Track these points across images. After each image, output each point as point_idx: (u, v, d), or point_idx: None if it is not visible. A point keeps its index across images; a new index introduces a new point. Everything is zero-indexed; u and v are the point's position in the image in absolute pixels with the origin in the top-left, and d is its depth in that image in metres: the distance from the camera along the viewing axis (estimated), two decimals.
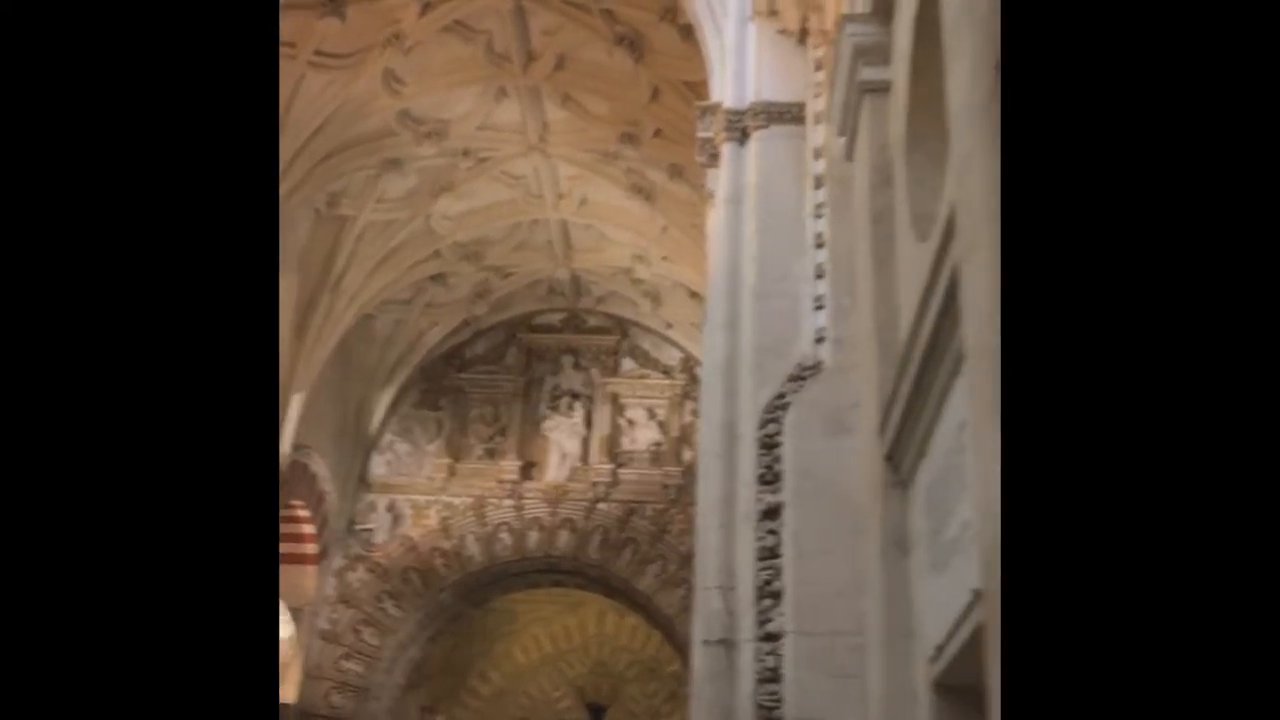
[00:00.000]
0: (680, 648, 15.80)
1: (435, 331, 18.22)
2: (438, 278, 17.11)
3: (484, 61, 13.23)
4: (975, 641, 3.46)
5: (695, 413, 15.37)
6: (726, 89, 8.64)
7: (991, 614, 3.14)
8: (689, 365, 17.31)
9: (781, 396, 7.09)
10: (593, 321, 18.53)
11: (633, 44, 12.53)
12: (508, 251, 17.03)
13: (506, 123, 14.33)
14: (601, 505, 17.14)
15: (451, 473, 17.52)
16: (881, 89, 6.26)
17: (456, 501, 17.34)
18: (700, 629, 7.21)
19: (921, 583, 4.74)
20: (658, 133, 13.73)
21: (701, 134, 8.80)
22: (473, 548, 17.22)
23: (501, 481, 17.41)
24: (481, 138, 14.59)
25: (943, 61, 4.14)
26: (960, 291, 3.59)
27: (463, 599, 17.55)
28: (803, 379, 7.17)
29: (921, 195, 5.20)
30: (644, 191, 14.90)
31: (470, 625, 18.97)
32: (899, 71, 5.82)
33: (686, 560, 14.53)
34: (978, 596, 3.33)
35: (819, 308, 7.42)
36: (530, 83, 13.51)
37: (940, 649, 4.23)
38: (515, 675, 20.17)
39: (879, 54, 6.28)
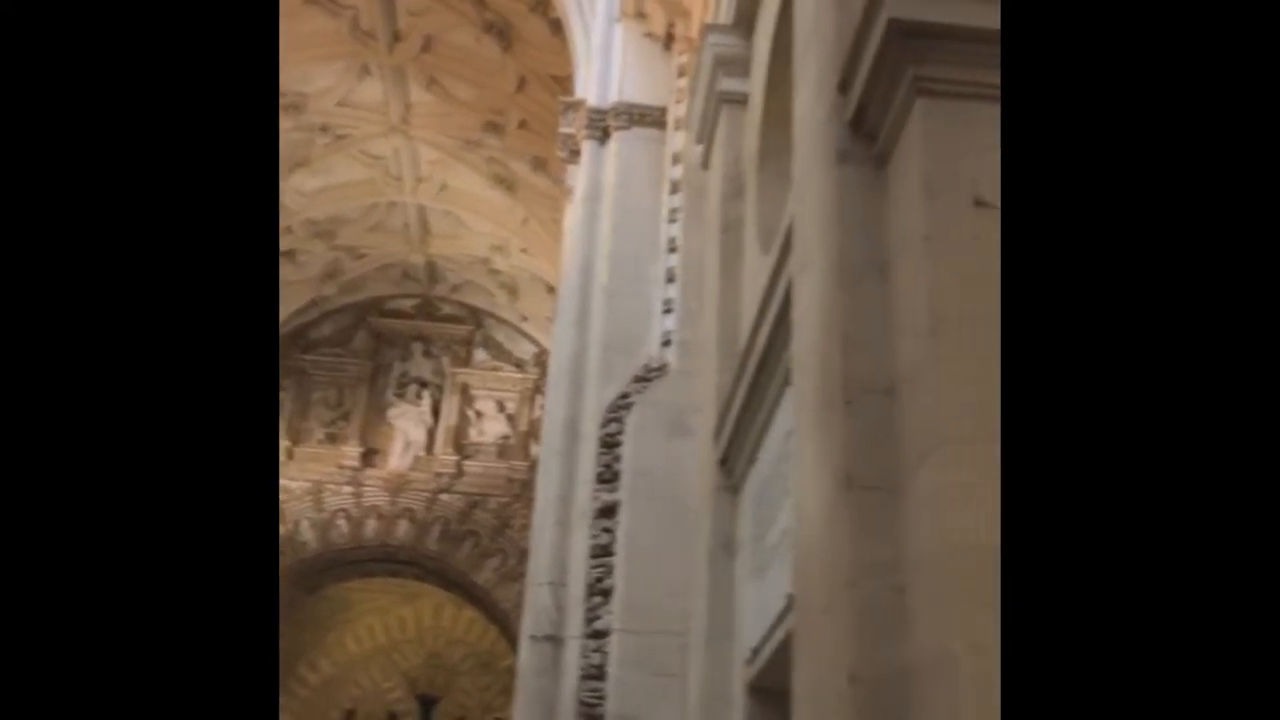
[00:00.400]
0: (516, 642, 15.74)
1: (281, 310, 17.68)
2: (287, 254, 16.60)
3: (348, 37, 12.90)
4: (787, 646, 3.55)
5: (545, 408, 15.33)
6: (591, 87, 8.65)
7: (800, 620, 3.24)
8: (542, 360, 17.22)
9: (626, 396, 7.14)
10: (446, 310, 18.28)
11: (502, 33, 12.42)
12: (362, 232, 16.64)
13: (368, 101, 14.01)
14: (444, 496, 16.92)
15: (289, 455, 17.02)
16: (739, 100, 6.37)
17: (293, 485, 16.84)
18: (529, 624, 7.20)
19: (744, 586, 4.84)
20: (522, 124, 13.64)
21: (563, 129, 8.79)
22: (307, 533, 16.78)
23: (341, 467, 17.01)
24: (341, 114, 14.22)
25: (794, 79, 4.24)
26: (793, 305, 3.69)
27: (295, 585, 17.07)
28: (648, 380, 7.24)
29: (768, 209, 5.32)
30: (506, 182, 14.79)
31: (302, 613, 18.47)
32: (756, 85, 5.93)
33: (527, 555, 14.47)
34: (790, 602, 3.42)
35: (668, 311, 7.51)
36: (395, 62, 13.25)
37: (756, 651, 4.34)
38: (346, 664, 19.74)
39: (739, 66, 6.39)
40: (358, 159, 15.11)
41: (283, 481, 16.95)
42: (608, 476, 6.88)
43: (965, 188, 2.72)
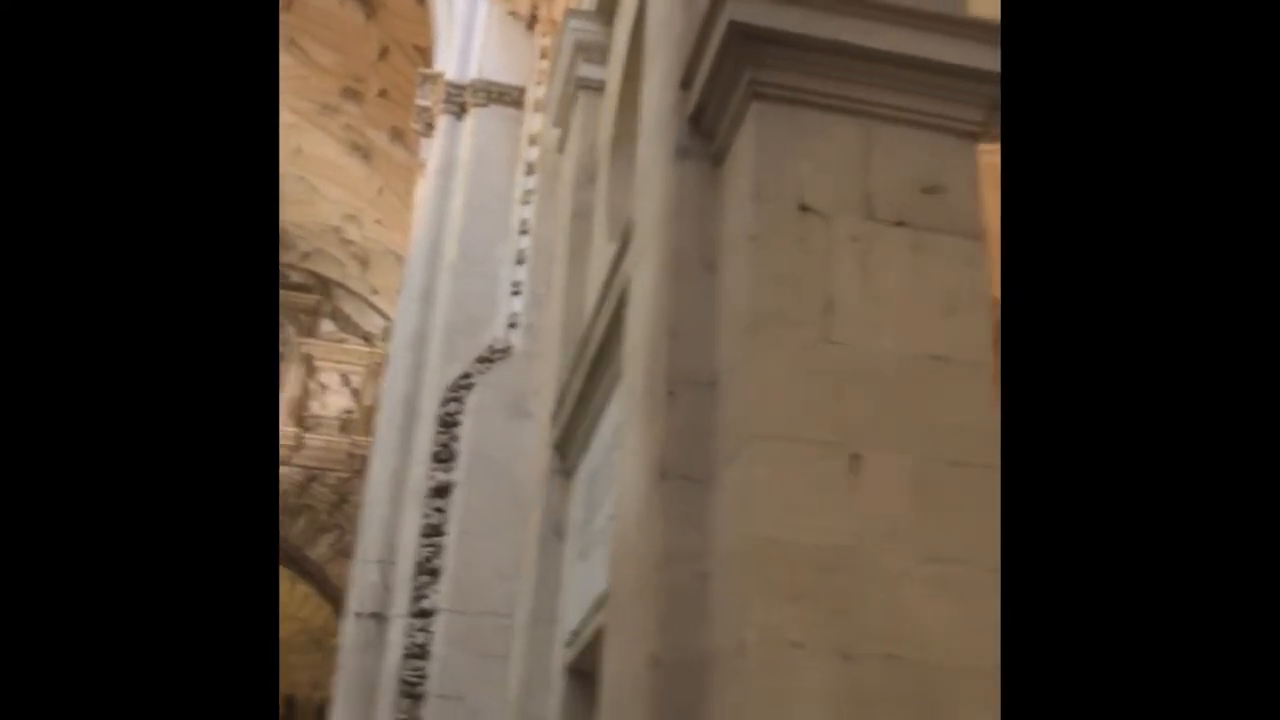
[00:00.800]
0: None
1: None
2: None
3: None
4: (605, 630, 3.60)
5: None
6: (451, 61, 8.53)
7: (611, 605, 3.29)
8: (391, 335, 16.94)
9: (467, 376, 7.09)
10: (294, 278, 17.75)
11: None
12: None
13: None
14: (281, 469, 16.47)
15: None
16: (597, 87, 6.38)
17: None
18: (355, 601, 7.09)
19: (570, 570, 4.88)
20: (383, 93, 13.33)
21: (420, 101, 8.64)
22: None
23: None
24: None
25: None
26: (628, 296, 3.74)
27: None
28: (491, 361, 7.20)
29: (618, 198, 5.35)
30: (362, 150, 14.44)
31: None
32: (613, 73, 5.96)
33: None
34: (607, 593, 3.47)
35: (516, 293, 7.48)
36: None
37: (576, 634, 4.38)
38: None
39: (599, 52, 6.40)
40: None
41: None
42: (444, 456, 6.83)
43: (792, 192, 2.80)
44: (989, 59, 2.98)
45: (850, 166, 2.87)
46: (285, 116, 14.40)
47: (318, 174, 15.45)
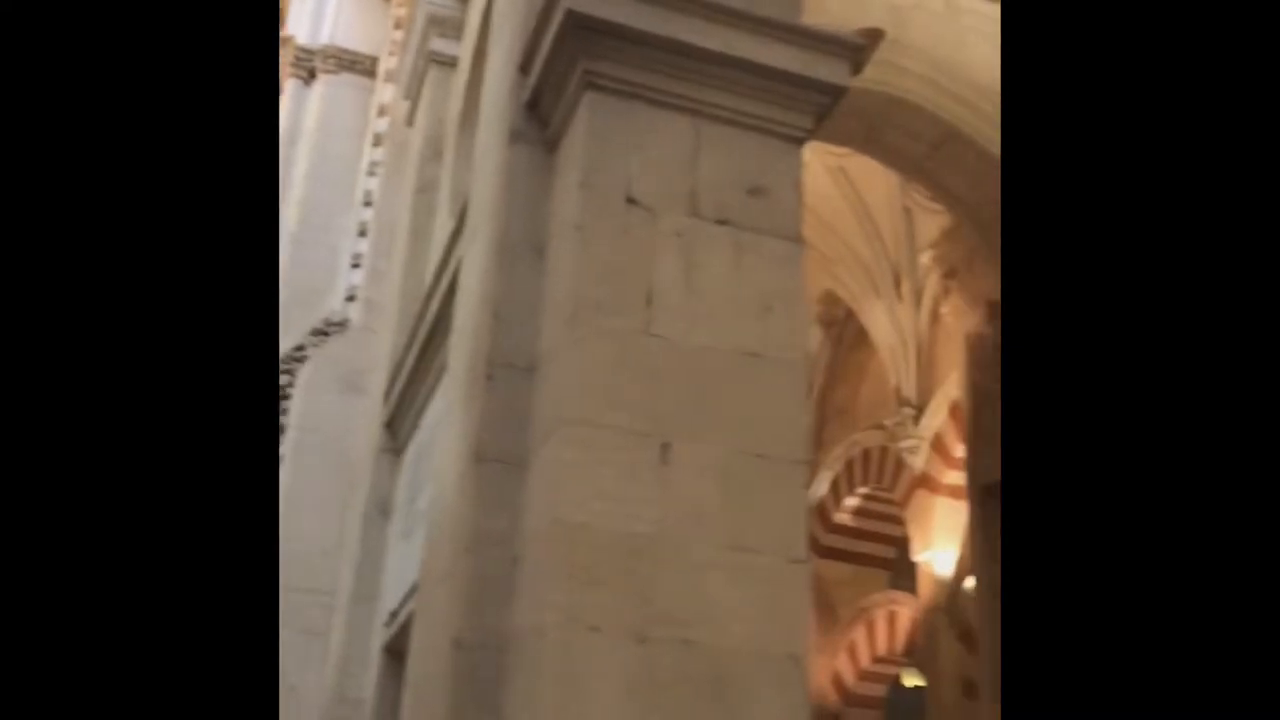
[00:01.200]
0: None
1: None
2: None
3: None
4: None
5: None
6: (302, 23, 8.28)
7: (423, 586, 3.28)
8: None
9: (301, 349, 6.92)
10: None
11: None
12: None
13: None
14: None
15: None
16: (449, 63, 6.30)
17: None
18: None
19: (393, 550, 4.84)
20: None
21: None
22: None
23: None
24: None
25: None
26: (459, 277, 3.72)
27: None
28: (326, 334, 7.05)
29: (461, 176, 5.31)
30: None
31: None
32: (465, 50, 5.89)
33: None
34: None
35: (356, 265, 7.33)
36: None
37: (394, 615, 4.35)
38: None
39: (453, 28, 6.32)
40: None
41: None
42: None
43: (620, 184, 2.84)
44: (821, 67, 3.08)
45: (679, 163, 2.92)
46: None
47: None
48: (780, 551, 2.61)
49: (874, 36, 5.74)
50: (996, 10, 7.38)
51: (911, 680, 11.42)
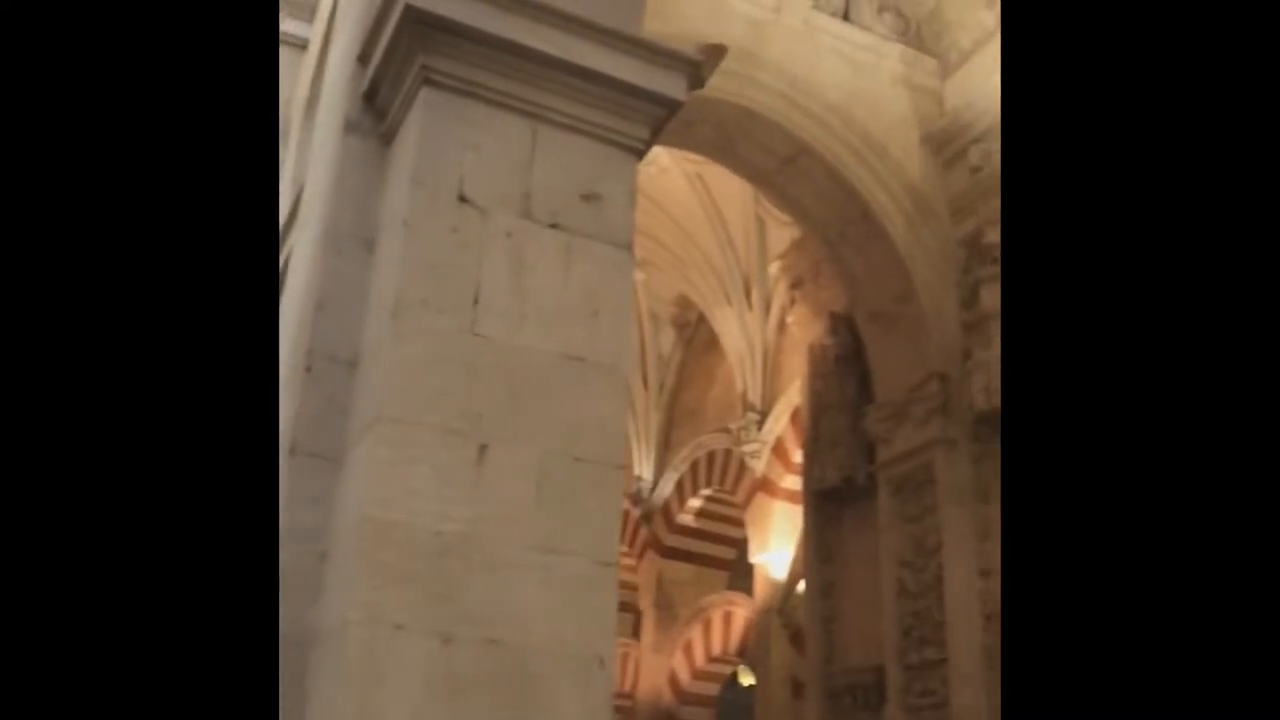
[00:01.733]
0: None
1: None
2: None
3: None
4: None
5: None
6: None
7: None
8: None
9: None
10: None
11: None
12: None
13: None
14: None
15: None
16: (300, 45, 6.17)
17: None
18: None
19: None
20: None
21: None
22: None
23: None
24: None
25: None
26: (289, 266, 3.66)
27: None
28: None
29: (303, 164, 5.20)
30: None
31: None
32: (316, 34, 5.78)
33: None
34: None
35: None
36: None
37: None
38: None
39: (306, 10, 6.19)
40: None
41: None
42: None
43: (452, 181, 2.84)
44: (657, 80, 3.13)
45: (513, 164, 2.93)
46: None
47: None
48: (591, 554, 2.65)
49: (715, 53, 5.84)
50: (852, 31, 7.65)
51: (746, 679, 11.70)
